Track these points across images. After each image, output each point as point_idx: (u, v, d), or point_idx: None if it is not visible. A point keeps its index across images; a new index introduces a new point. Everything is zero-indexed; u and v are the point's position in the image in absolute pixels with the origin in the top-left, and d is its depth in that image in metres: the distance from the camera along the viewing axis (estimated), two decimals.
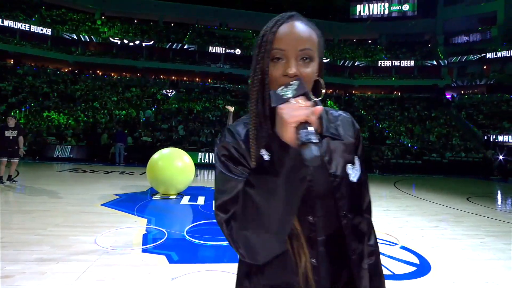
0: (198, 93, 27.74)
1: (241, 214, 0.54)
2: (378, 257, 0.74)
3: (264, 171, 0.52)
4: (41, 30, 29.78)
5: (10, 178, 6.51)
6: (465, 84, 31.30)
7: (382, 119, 24.91)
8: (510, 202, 7.94)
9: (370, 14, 36.54)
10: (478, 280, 2.70)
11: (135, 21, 36.56)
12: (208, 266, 2.68)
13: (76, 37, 30.80)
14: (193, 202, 5.47)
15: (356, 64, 34.98)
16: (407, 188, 9.25)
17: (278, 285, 0.62)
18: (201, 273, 2.54)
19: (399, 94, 32.11)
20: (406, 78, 33.39)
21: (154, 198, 5.67)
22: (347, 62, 35.12)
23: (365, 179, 0.72)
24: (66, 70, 29.38)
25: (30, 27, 29.33)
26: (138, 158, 12.34)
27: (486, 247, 3.61)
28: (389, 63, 34.26)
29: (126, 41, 31.79)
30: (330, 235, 0.64)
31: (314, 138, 0.45)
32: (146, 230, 3.63)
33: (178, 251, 3.01)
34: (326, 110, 0.75)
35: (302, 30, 0.62)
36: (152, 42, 32.24)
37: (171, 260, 2.79)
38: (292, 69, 0.59)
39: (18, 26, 28.87)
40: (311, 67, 0.62)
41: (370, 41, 38.87)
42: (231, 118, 3.90)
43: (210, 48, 33.21)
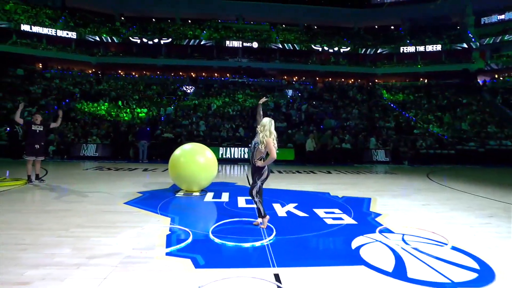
0: (217, 88, 27.64)
1: None
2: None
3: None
4: (66, 34, 30.75)
5: (38, 177, 6.61)
6: (500, 67, 29.11)
7: (408, 108, 23.68)
8: None
9: None
10: None
11: (153, 20, 36.93)
12: (237, 272, 2.42)
13: (98, 38, 31.57)
14: (217, 199, 5.26)
15: (378, 52, 33.52)
16: (442, 179, 8.60)
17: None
18: (231, 279, 2.28)
19: (426, 81, 30.44)
20: (432, 64, 31.55)
21: (177, 195, 5.52)
22: (369, 50, 33.73)
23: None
24: (90, 71, 30.25)
25: (55, 32, 30.36)
26: (161, 154, 12.38)
27: None
28: (413, 49, 32.52)
29: (145, 40, 32.22)
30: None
31: None
32: (170, 230, 3.43)
33: (204, 254, 2.77)
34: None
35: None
36: (170, 39, 32.45)
37: (197, 264, 2.55)
38: None
39: (45, 31, 29.97)
40: None
41: (392, 27, 37.06)
42: (261, 109, 3.73)
43: (228, 42, 32.98)
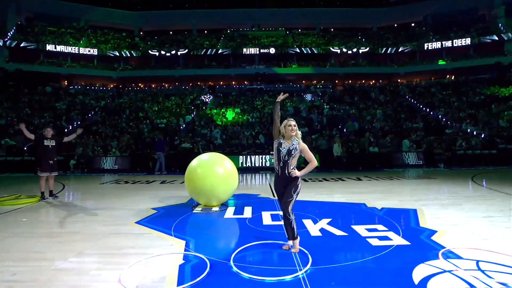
0: (235, 96, 27.40)
1: None
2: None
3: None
4: (88, 51, 31.85)
5: (51, 193, 6.34)
6: None
7: (436, 107, 22.19)
8: None
9: None
10: None
11: (170, 32, 37.62)
12: None
13: (118, 54, 32.43)
14: (239, 215, 4.67)
15: (400, 50, 32.12)
16: (492, 184, 7.55)
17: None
18: None
19: (453, 77, 28.66)
20: (460, 59, 29.71)
21: (194, 211, 4.99)
22: (390, 49, 32.40)
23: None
24: (111, 86, 31.03)
25: (78, 50, 31.51)
26: (179, 165, 12.03)
27: None
28: (438, 45, 30.83)
29: (163, 52, 32.75)
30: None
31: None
32: (184, 258, 2.87)
33: None
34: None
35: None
36: (186, 50, 32.78)
37: None
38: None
39: (69, 50, 31.18)
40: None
41: (413, 24, 35.53)
42: (279, 109, 3.16)
43: (244, 50, 32.87)
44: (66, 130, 19.08)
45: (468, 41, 29.62)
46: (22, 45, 29.26)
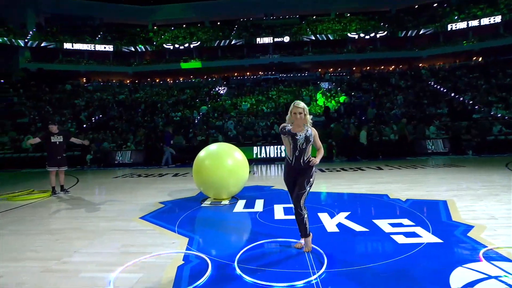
0: (249, 87, 26.97)
1: None
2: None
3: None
4: (104, 48, 32.27)
5: (62, 188, 6.28)
6: None
7: (462, 91, 20.81)
8: None
9: None
10: None
11: (184, 25, 37.45)
12: None
13: (133, 49, 32.67)
14: (249, 209, 4.36)
15: (421, 33, 30.34)
16: None
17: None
18: None
19: (480, 59, 26.77)
20: (488, 39, 27.67)
21: (203, 205, 4.73)
22: (410, 32, 30.67)
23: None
24: (128, 81, 31.40)
25: (95, 47, 32.01)
26: (193, 158, 11.83)
27: None
28: (463, 25, 28.82)
29: (177, 45, 32.67)
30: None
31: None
32: (184, 259, 2.60)
33: None
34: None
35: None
36: (199, 42, 32.55)
37: None
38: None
39: (86, 47, 31.74)
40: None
41: (435, 4, 33.41)
42: None
43: (258, 39, 32.21)
44: (84, 125, 19.47)
45: (497, 18, 27.50)
46: (42, 45, 30.02)
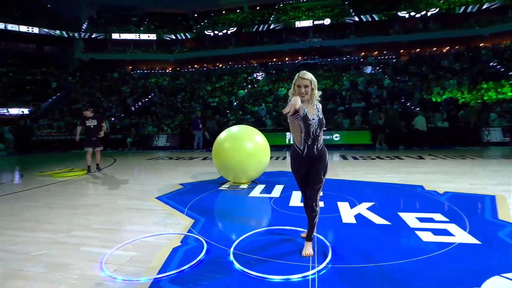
0: (288, 72, 26.34)
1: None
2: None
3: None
4: (147, 36, 33.68)
5: (98, 167, 6.68)
6: None
7: None
8: None
9: None
10: None
11: (223, 12, 37.52)
12: None
13: (174, 37, 33.63)
14: (266, 194, 4.18)
15: (484, 7, 26.72)
16: None
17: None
18: None
19: None
20: None
21: (220, 188, 4.65)
22: (470, 7, 27.19)
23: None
24: (170, 69, 32.56)
25: (139, 36, 33.53)
26: None
27: None
28: None
29: (216, 32, 32.91)
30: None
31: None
32: (182, 241, 2.51)
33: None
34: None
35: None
36: (238, 28, 32.37)
37: None
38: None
39: (131, 37, 33.39)
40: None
41: None
42: None
43: (297, 23, 31.12)
44: (131, 109, 20.65)
45: None
46: (93, 36, 32.24)
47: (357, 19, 29.06)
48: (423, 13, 27.60)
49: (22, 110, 20.85)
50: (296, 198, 3.85)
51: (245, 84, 23.81)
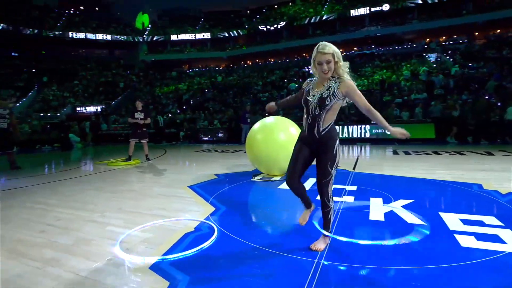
0: None
1: None
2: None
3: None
4: (202, 36, 35.27)
5: (147, 157, 7.21)
6: None
7: None
8: None
9: None
10: None
11: (275, 7, 37.33)
12: None
13: (227, 34, 34.62)
14: None
15: None
16: None
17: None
18: None
19: None
20: None
21: (253, 179, 4.64)
22: None
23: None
24: (223, 66, 33.67)
25: (195, 36, 35.30)
26: None
27: None
28: None
29: (268, 27, 32.94)
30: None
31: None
32: (196, 227, 2.55)
33: (198, 272, 1.73)
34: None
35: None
36: (285, 22, 31.93)
37: None
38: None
39: (188, 37, 35.33)
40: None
41: None
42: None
43: (352, 12, 29.42)
44: (184, 107, 21.93)
45: None
46: (154, 39, 34.96)
47: (420, 2, 26.26)
48: None
49: (96, 108, 23.69)
50: None
51: (296, 79, 23.41)
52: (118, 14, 37.38)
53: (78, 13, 36.17)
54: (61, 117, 21.28)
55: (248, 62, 33.14)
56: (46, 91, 25.87)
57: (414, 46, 25.07)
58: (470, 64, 17.21)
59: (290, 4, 36.34)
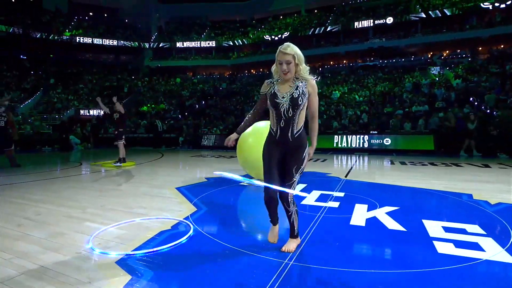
0: (344, 75, 25.30)
1: None
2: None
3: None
4: (207, 44, 35.72)
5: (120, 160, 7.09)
6: None
7: None
8: None
9: None
10: None
11: (281, 17, 37.82)
12: None
13: (231, 43, 35.06)
14: None
15: None
16: None
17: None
18: None
19: None
20: None
21: (242, 183, 4.60)
22: None
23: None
24: (227, 73, 33.98)
25: (200, 43, 35.77)
26: None
27: None
28: None
29: (272, 36, 33.32)
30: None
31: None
32: (173, 226, 2.53)
33: (164, 268, 1.70)
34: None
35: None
36: (288, 33, 32.35)
37: (134, 282, 1.53)
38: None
39: (193, 45, 35.80)
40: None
41: None
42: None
43: (356, 23, 29.67)
44: (186, 113, 22.05)
45: None
46: (160, 45, 35.46)
47: (423, 16, 26.47)
48: (509, 2, 23.74)
49: (99, 111, 23.90)
50: (312, 197, 3.60)
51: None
52: (126, 21, 38.06)
53: (87, 18, 36.90)
54: (62, 119, 21.51)
55: (252, 70, 33.41)
56: (51, 94, 26.23)
57: (417, 59, 25.18)
58: (474, 79, 17.20)
59: (295, 14, 36.82)
